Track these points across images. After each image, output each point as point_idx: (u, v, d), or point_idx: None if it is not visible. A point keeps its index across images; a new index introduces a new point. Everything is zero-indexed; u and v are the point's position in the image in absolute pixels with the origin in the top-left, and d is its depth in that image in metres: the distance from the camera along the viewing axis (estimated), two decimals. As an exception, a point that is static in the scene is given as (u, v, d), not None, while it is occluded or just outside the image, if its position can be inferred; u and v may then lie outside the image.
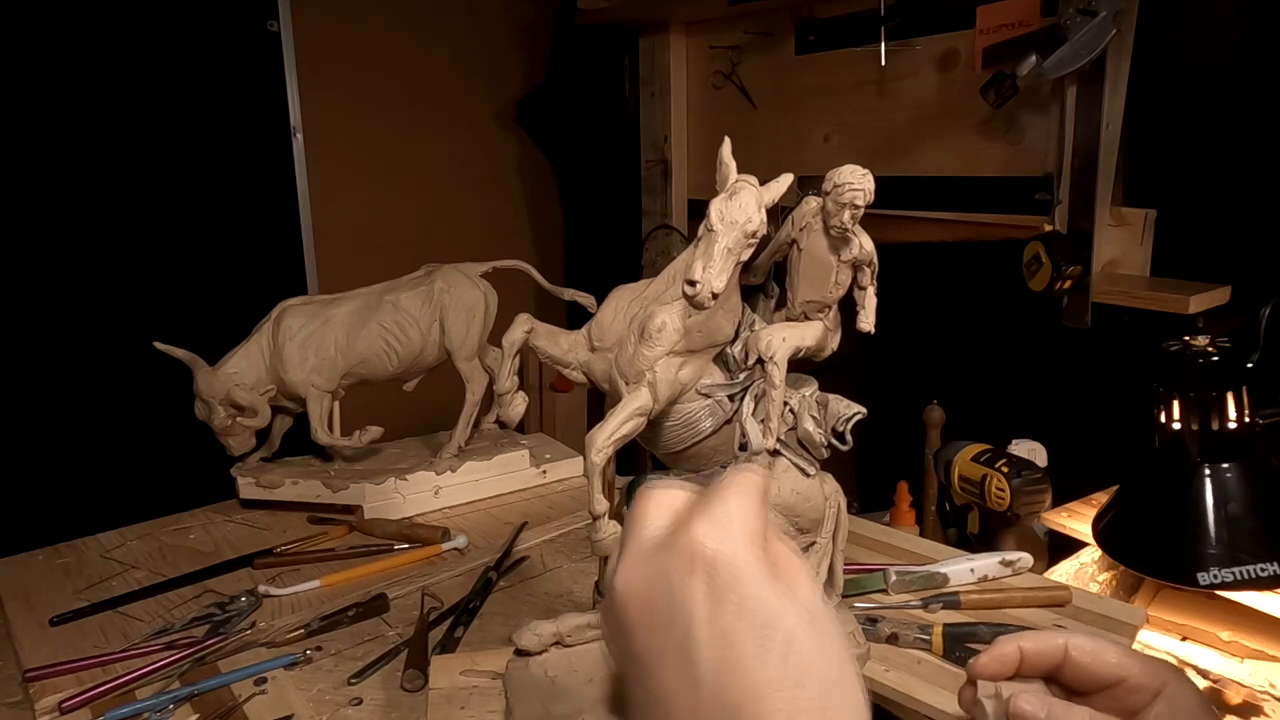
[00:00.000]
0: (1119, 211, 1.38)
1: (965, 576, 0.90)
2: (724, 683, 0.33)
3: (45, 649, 0.86)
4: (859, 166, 0.55)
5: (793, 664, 0.33)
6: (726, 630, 0.34)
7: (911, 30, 1.60)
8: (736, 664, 0.33)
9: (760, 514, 0.38)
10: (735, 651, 0.34)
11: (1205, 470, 0.94)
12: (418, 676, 0.78)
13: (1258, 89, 1.25)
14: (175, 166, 1.93)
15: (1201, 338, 0.97)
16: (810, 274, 0.59)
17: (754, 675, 0.33)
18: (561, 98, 2.45)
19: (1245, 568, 0.90)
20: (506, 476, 1.24)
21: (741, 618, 0.34)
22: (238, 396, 1.12)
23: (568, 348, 0.70)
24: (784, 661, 0.33)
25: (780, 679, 0.33)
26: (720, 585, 0.35)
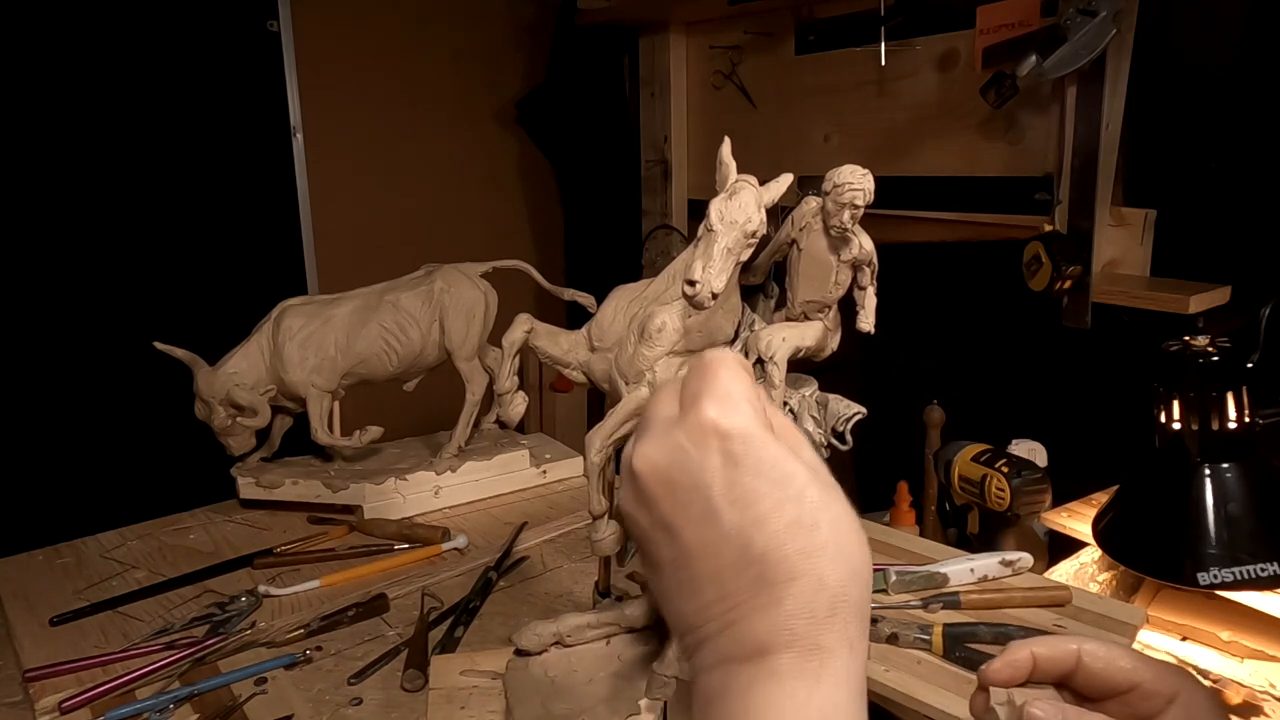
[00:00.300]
0: (1119, 211, 1.38)
1: (965, 576, 0.90)
2: (749, 534, 0.38)
3: (45, 649, 0.86)
4: (859, 166, 0.55)
5: (806, 511, 0.38)
6: (746, 490, 0.38)
7: (911, 30, 1.60)
8: (759, 517, 0.38)
9: (752, 386, 0.42)
10: (756, 507, 0.38)
11: (1205, 470, 0.94)
12: (418, 676, 0.78)
13: (1258, 89, 1.25)
14: (176, 166, 1.93)
15: (1201, 338, 0.97)
16: (810, 274, 0.59)
17: (773, 523, 0.38)
18: (561, 98, 2.45)
19: (1245, 568, 0.90)
20: (506, 476, 1.24)
21: (757, 476, 0.38)
22: (238, 396, 1.12)
23: (568, 348, 0.70)
24: (799, 510, 0.38)
25: (797, 525, 0.38)
26: (735, 453, 0.39)
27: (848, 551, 0.38)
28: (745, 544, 0.38)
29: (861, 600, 0.38)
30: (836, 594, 0.38)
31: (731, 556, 0.38)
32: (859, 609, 0.38)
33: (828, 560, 0.38)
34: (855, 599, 0.38)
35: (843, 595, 0.38)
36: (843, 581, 0.38)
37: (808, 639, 0.37)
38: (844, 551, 0.38)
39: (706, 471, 0.39)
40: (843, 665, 0.37)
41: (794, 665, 0.37)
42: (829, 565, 0.38)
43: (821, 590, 0.38)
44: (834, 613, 0.37)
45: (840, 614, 0.37)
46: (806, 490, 0.39)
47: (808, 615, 0.37)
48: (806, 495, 0.38)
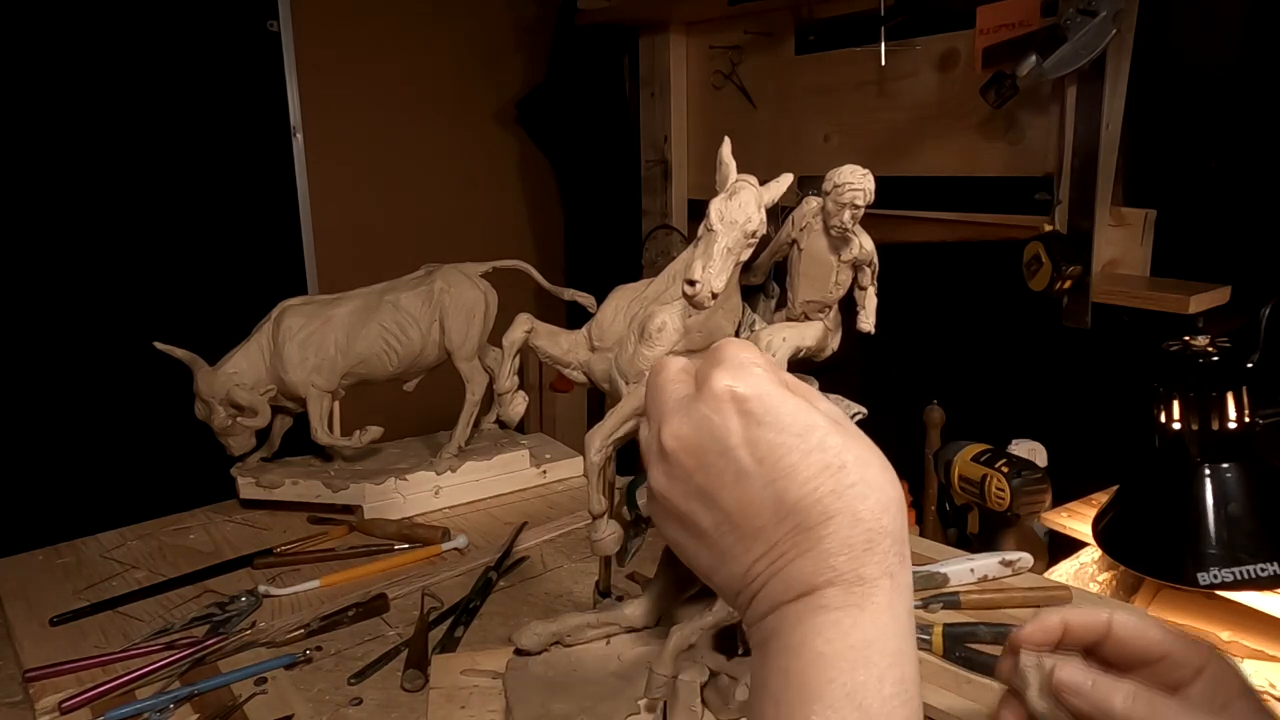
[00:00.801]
0: (1119, 211, 1.38)
1: (965, 576, 0.90)
2: (781, 487, 0.40)
3: (45, 649, 0.86)
4: (859, 166, 0.55)
5: (831, 455, 0.40)
6: (772, 445, 0.40)
7: (911, 30, 1.60)
8: (788, 469, 0.40)
9: (760, 353, 0.44)
10: (784, 460, 0.40)
11: (1205, 470, 0.94)
12: (418, 676, 0.78)
13: (1258, 89, 1.25)
14: (176, 167, 1.93)
15: (1201, 338, 0.97)
16: (810, 274, 0.59)
17: (803, 472, 0.40)
18: (561, 98, 2.45)
19: (1245, 568, 0.90)
20: (506, 476, 1.24)
21: (781, 432, 0.40)
22: (238, 396, 1.12)
23: (568, 348, 0.70)
24: (823, 454, 0.40)
25: (824, 469, 0.40)
26: (754, 413, 0.41)
27: (876, 485, 0.40)
28: (779, 496, 0.40)
29: (897, 530, 0.40)
30: (872, 527, 0.39)
31: (769, 510, 0.40)
32: (895, 539, 0.40)
33: (858, 496, 0.39)
34: (891, 529, 0.40)
35: (878, 527, 0.39)
36: (875, 514, 0.39)
37: (850, 572, 0.39)
38: (873, 486, 0.40)
39: (732, 435, 0.41)
40: (884, 594, 0.39)
41: (839, 597, 0.39)
42: (860, 501, 0.39)
43: (857, 525, 0.39)
44: (871, 545, 0.39)
45: (878, 545, 0.39)
46: (828, 437, 0.40)
47: (847, 550, 0.39)
48: (828, 442, 0.40)
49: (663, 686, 0.67)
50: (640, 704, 0.67)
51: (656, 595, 0.76)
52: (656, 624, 0.77)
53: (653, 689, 0.67)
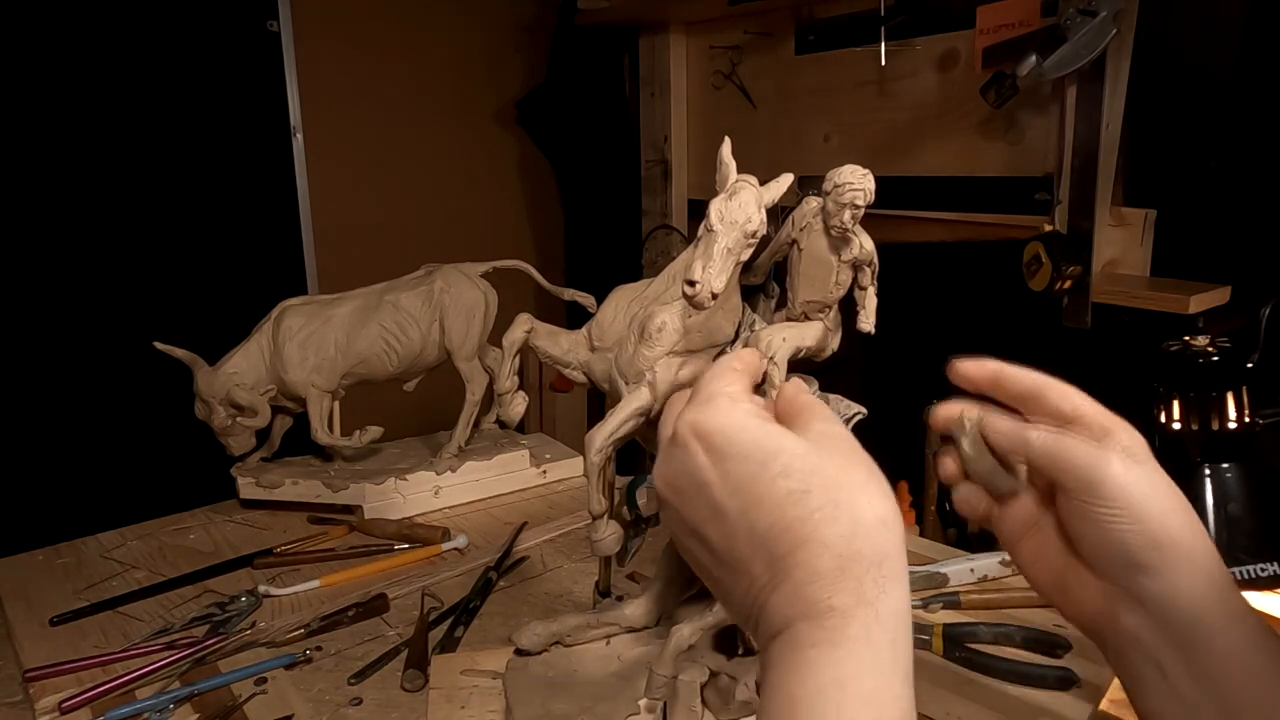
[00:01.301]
0: (1119, 211, 1.38)
1: (965, 576, 0.90)
2: (752, 517, 0.40)
3: (45, 649, 0.86)
4: (859, 166, 0.55)
5: (794, 480, 0.39)
6: (740, 476, 0.40)
7: (911, 30, 1.60)
8: (755, 499, 0.40)
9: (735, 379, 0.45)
10: (751, 491, 0.40)
11: (1205, 470, 0.94)
12: (418, 676, 0.78)
13: (1257, 89, 1.25)
14: (176, 167, 1.93)
15: (1201, 338, 0.97)
16: (810, 274, 0.59)
17: (768, 500, 0.39)
18: (561, 98, 2.45)
19: (1245, 568, 0.90)
20: (506, 476, 1.24)
21: (743, 462, 0.40)
22: (238, 396, 1.12)
23: (568, 348, 0.70)
24: (787, 480, 0.39)
25: (787, 495, 0.39)
26: (718, 446, 0.41)
27: (846, 508, 0.39)
28: (750, 527, 0.40)
29: (874, 554, 0.38)
30: (842, 552, 0.38)
31: (744, 542, 0.40)
32: (873, 563, 0.38)
33: (824, 520, 0.38)
34: (866, 553, 0.38)
35: (848, 552, 0.38)
36: (845, 538, 0.38)
37: (821, 602, 0.38)
38: (841, 508, 0.39)
39: (701, 470, 0.41)
40: (860, 625, 0.37)
41: (811, 632, 0.38)
42: (826, 525, 0.38)
43: (824, 551, 0.38)
44: (843, 571, 0.38)
45: (850, 571, 0.38)
46: (794, 461, 0.40)
47: (816, 579, 0.38)
48: (794, 466, 0.40)
49: (663, 687, 0.67)
50: (640, 704, 0.67)
51: (656, 595, 0.76)
52: (656, 624, 0.77)
53: (653, 689, 0.67)
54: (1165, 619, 0.45)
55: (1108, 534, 0.45)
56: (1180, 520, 0.45)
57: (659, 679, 0.67)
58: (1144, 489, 0.45)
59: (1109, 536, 0.45)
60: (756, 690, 0.66)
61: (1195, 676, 0.45)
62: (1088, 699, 0.70)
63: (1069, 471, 0.46)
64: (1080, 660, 0.75)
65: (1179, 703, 0.45)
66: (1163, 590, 0.45)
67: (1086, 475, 0.45)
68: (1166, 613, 0.45)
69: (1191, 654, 0.45)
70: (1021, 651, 0.77)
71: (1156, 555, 0.44)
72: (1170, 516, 0.45)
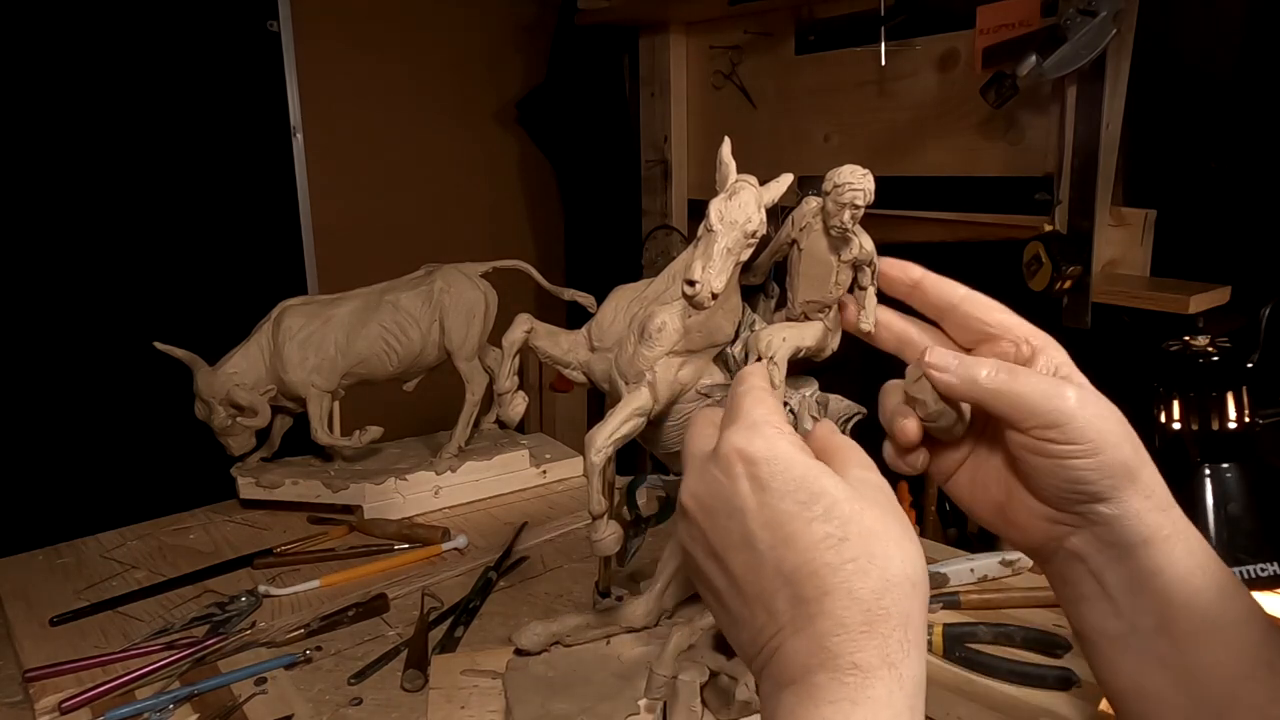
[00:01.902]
0: (1119, 211, 1.38)
1: (965, 576, 0.90)
2: (780, 554, 0.39)
3: (45, 649, 0.86)
4: (859, 166, 0.55)
5: (834, 526, 0.38)
6: (776, 511, 0.39)
7: (911, 30, 1.60)
8: (788, 536, 0.39)
9: (775, 407, 0.44)
10: (786, 528, 0.39)
11: (1205, 470, 0.94)
12: (418, 676, 0.78)
13: (1258, 89, 1.25)
14: (176, 167, 1.93)
15: (1201, 338, 0.97)
16: (810, 274, 0.59)
17: (802, 540, 0.38)
18: (561, 98, 2.45)
19: (1245, 568, 0.90)
20: (506, 476, 1.24)
21: (784, 498, 0.39)
22: (238, 396, 1.12)
23: (568, 348, 0.70)
24: (826, 524, 0.38)
25: (823, 539, 0.38)
26: (761, 477, 0.40)
27: (881, 562, 0.38)
28: (778, 563, 0.39)
29: (903, 614, 0.37)
30: (871, 607, 0.37)
31: (769, 577, 0.39)
32: (900, 623, 0.37)
33: (857, 572, 0.37)
34: (895, 612, 0.37)
35: (877, 608, 0.37)
36: (876, 593, 0.37)
37: (843, 657, 0.36)
38: (876, 562, 0.38)
39: (738, 497, 0.40)
40: (884, 687, 0.36)
41: (830, 686, 0.36)
42: (858, 577, 0.37)
43: (853, 604, 0.37)
44: (870, 627, 0.37)
45: (877, 629, 0.37)
46: (836, 506, 0.39)
47: (841, 630, 0.37)
48: (835, 511, 0.38)
49: (663, 687, 0.67)
50: (640, 704, 0.67)
51: (657, 595, 0.76)
52: (656, 624, 0.77)
53: (652, 689, 0.67)
54: (1111, 538, 0.46)
55: (1065, 468, 0.45)
56: (1129, 444, 0.45)
57: (659, 679, 0.67)
58: (1101, 423, 0.44)
59: (1066, 471, 0.45)
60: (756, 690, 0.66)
61: (1135, 590, 0.45)
62: (1088, 699, 0.70)
63: (1025, 410, 0.45)
64: (1080, 660, 0.75)
65: (1118, 617, 0.46)
66: (1112, 512, 0.45)
67: (1046, 415, 0.44)
68: (1113, 531, 0.45)
69: (1134, 569, 0.45)
70: (1021, 651, 0.77)
71: (1110, 483, 0.45)
72: (1123, 444, 0.45)
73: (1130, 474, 0.45)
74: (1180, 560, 0.45)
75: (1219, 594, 0.44)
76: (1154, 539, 0.45)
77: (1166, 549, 0.45)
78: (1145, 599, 0.45)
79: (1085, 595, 0.48)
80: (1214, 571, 0.45)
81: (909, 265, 0.53)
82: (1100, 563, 0.46)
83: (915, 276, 0.53)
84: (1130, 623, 0.46)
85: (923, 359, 0.48)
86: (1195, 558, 0.45)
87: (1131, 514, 0.45)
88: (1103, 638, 0.47)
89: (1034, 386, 0.45)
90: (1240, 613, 0.45)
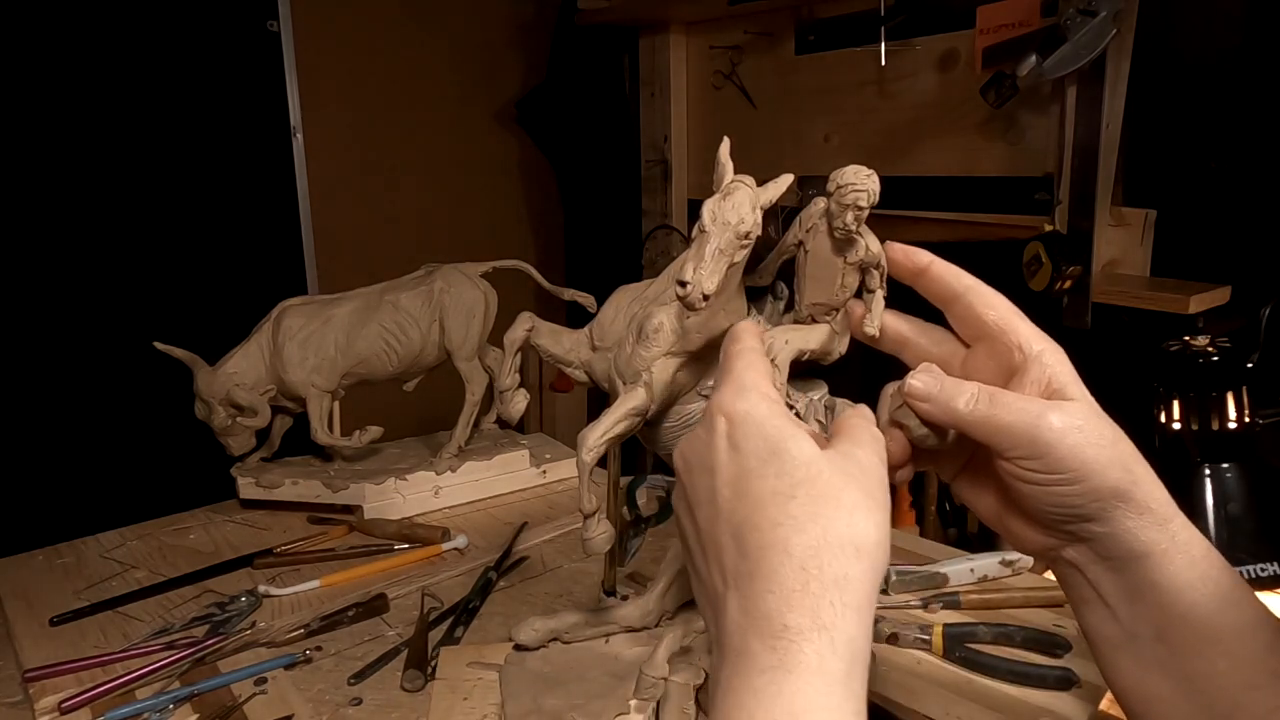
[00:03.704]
0: (1119, 211, 1.38)
1: (965, 576, 0.90)
2: (732, 507, 0.39)
3: (45, 649, 0.86)
4: (863, 167, 0.54)
5: (785, 483, 0.38)
6: (739, 468, 0.40)
7: (911, 30, 1.60)
8: (742, 491, 0.39)
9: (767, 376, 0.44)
10: (742, 483, 0.39)
11: (1205, 470, 0.94)
12: (418, 676, 0.78)
13: (1258, 89, 1.25)
14: (176, 167, 1.93)
15: (1201, 338, 0.97)
16: (816, 276, 0.59)
17: (753, 496, 0.39)
18: (561, 98, 2.45)
19: (1245, 568, 0.90)
20: (506, 476, 1.24)
21: (749, 456, 0.40)
22: (238, 396, 1.12)
23: (570, 347, 0.70)
24: (777, 480, 0.38)
25: (773, 496, 0.38)
26: (736, 436, 0.41)
27: (824, 523, 0.37)
28: (729, 517, 0.39)
29: (838, 575, 0.36)
30: (805, 564, 0.36)
31: (722, 532, 0.40)
32: (836, 583, 0.36)
33: (795, 528, 0.37)
34: (832, 574, 0.36)
35: (812, 565, 0.36)
36: (812, 549, 0.36)
37: (775, 618, 0.35)
38: (818, 519, 0.37)
39: (712, 454, 0.41)
40: (814, 652, 0.34)
41: (762, 654, 0.35)
42: (795, 534, 0.37)
43: (787, 559, 0.36)
44: (803, 585, 0.36)
45: (810, 587, 0.35)
46: (794, 467, 0.39)
47: (776, 588, 0.36)
48: (791, 470, 0.39)
49: (652, 688, 0.67)
50: (630, 704, 0.67)
51: (658, 596, 0.76)
52: (656, 625, 0.77)
53: (642, 690, 0.67)
54: (1105, 552, 0.45)
55: (1049, 494, 0.44)
56: (1118, 467, 0.44)
57: (649, 680, 0.67)
58: (1086, 451, 0.43)
59: (1050, 497, 0.44)
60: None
61: (1133, 599, 0.45)
62: (1088, 699, 0.70)
63: (1005, 441, 0.44)
64: (1080, 660, 0.75)
65: (1117, 623, 0.46)
66: (1103, 529, 0.45)
67: (1026, 446, 0.44)
68: (1106, 546, 0.45)
69: (1130, 580, 0.45)
70: (1021, 651, 0.77)
71: (1098, 505, 0.44)
72: (1110, 468, 0.43)
73: (1120, 495, 0.44)
74: (1179, 573, 0.44)
75: (1221, 604, 0.44)
76: (1150, 554, 0.44)
77: (1163, 563, 0.44)
78: (1143, 608, 0.45)
79: (1085, 599, 0.48)
80: (1216, 580, 0.44)
81: (917, 251, 0.53)
82: (1096, 573, 0.46)
83: (922, 263, 0.52)
84: (1130, 629, 0.46)
85: (903, 386, 0.47)
86: (1196, 569, 0.44)
87: (1123, 531, 0.44)
88: (1104, 641, 0.47)
89: (1014, 416, 0.44)
90: (1245, 622, 0.44)
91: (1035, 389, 0.46)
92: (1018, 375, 0.47)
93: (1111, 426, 0.45)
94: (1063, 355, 0.48)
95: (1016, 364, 0.48)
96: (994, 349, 0.49)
